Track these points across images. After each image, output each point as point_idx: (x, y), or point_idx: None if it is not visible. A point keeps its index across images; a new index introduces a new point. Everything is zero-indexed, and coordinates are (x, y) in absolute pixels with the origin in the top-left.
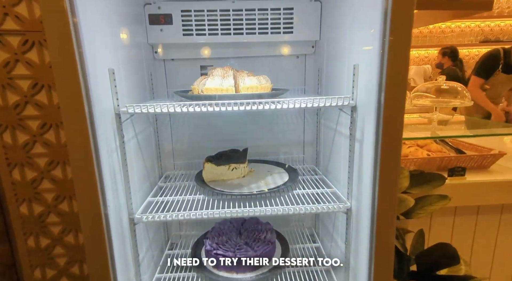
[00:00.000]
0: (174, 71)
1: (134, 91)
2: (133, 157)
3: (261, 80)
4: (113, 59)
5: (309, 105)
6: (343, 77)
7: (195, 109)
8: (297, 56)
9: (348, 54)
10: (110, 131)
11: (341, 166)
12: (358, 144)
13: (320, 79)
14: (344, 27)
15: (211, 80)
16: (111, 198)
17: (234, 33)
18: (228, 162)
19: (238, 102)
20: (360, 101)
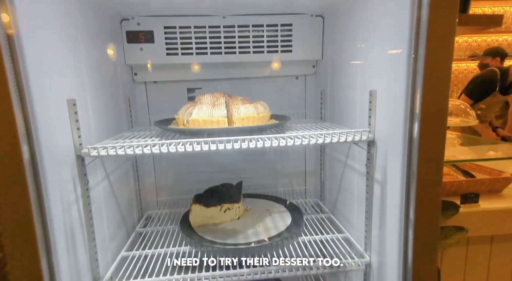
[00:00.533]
0: (157, 95)
1: (107, 122)
2: (103, 203)
3: (258, 108)
4: (76, 86)
5: (319, 142)
6: (354, 102)
7: (177, 149)
8: (296, 76)
9: (361, 76)
10: (68, 179)
11: (354, 207)
12: (379, 186)
13: (324, 102)
14: (353, 45)
15: (199, 109)
16: (66, 263)
17: (225, 52)
18: (219, 202)
19: (232, 139)
20: (380, 134)
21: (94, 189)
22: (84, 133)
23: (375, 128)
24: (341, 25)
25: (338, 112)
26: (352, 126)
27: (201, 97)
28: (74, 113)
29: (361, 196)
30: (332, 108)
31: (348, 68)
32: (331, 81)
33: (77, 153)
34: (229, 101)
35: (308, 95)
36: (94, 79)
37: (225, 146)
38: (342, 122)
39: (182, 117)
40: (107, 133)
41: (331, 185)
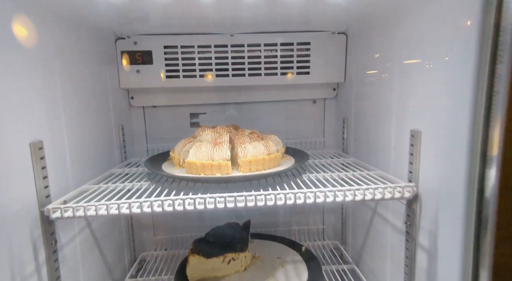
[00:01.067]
0: (156, 121)
1: (91, 159)
2: (81, 260)
3: (269, 146)
4: (47, 122)
5: (348, 198)
6: (387, 139)
7: (163, 208)
8: (314, 100)
9: (397, 108)
10: (25, 244)
11: (387, 268)
12: (425, 254)
13: (347, 132)
14: (387, 68)
15: (197, 149)
16: None
17: (233, 75)
18: (222, 251)
19: (235, 196)
20: (426, 185)
21: (68, 245)
22: (58, 179)
23: (419, 178)
24: (371, 43)
25: (365, 147)
26: (384, 167)
27: (202, 133)
28: (40, 158)
29: (397, 258)
30: (357, 140)
31: (378, 95)
32: (356, 108)
33: (41, 209)
34: (234, 137)
35: (327, 121)
36: (75, 111)
37: (225, 205)
38: (370, 160)
39: (178, 156)
40: (92, 172)
41: (355, 228)
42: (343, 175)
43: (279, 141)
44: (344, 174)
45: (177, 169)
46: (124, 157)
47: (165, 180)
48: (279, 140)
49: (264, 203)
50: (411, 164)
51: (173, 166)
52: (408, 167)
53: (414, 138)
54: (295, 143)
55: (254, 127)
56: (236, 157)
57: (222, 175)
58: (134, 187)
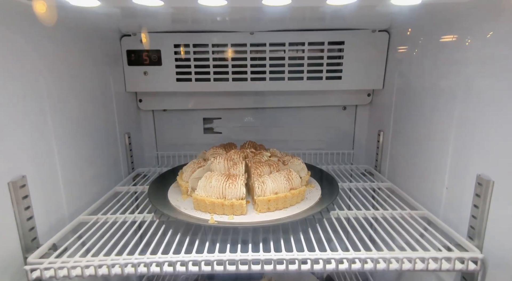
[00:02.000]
0: (167, 125)
1: (90, 180)
2: None
3: (292, 179)
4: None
5: (392, 266)
6: (439, 172)
7: (162, 269)
8: (344, 107)
9: (456, 139)
10: None
11: None
12: None
13: (382, 149)
14: (447, 78)
15: (207, 182)
16: None
17: (252, 79)
18: (234, 279)
19: (250, 260)
20: (494, 250)
21: None
22: (48, 214)
23: (484, 238)
24: (424, 42)
25: (404, 172)
26: (430, 205)
27: (214, 160)
28: (22, 198)
29: None
30: (394, 160)
31: (430, 115)
32: (396, 121)
33: (25, 256)
34: (251, 166)
35: (358, 131)
36: (69, 126)
37: (237, 268)
38: (410, 189)
39: (185, 184)
40: (93, 193)
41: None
42: (379, 215)
43: (304, 167)
44: (380, 213)
45: (184, 199)
46: (131, 167)
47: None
48: (303, 165)
49: (285, 268)
50: (473, 218)
51: (181, 194)
52: (469, 220)
53: (482, 187)
54: (319, 154)
55: (273, 134)
56: (253, 190)
57: (234, 222)
58: (136, 220)
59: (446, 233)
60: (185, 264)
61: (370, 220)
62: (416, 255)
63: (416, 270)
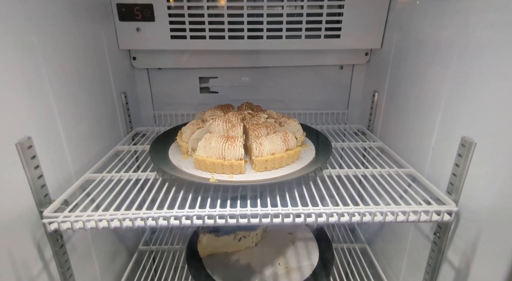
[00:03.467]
0: (162, 84)
1: (92, 139)
2: (92, 243)
3: (288, 140)
4: (34, 111)
5: (377, 218)
6: (427, 134)
7: (170, 222)
8: (341, 66)
9: (447, 101)
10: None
11: (403, 260)
12: (453, 271)
13: (376, 109)
14: (446, 38)
15: (207, 143)
16: None
17: (248, 37)
18: (234, 229)
19: (249, 215)
20: (471, 205)
21: (76, 234)
22: (56, 173)
23: (461, 193)
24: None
25: (395, 133)
26: (416, 163)
27: (213, 122)
28: (30, 158)
29: (416, 256)
30: (387, 121)
31: (425, 75)
32: (392, 82)
33: (40, 210)
34: (249, 128)
35: (354, 92)
36: (67, 85)
37: (237, 221)
38: (399, 149)
39: (186, 144)
40: (95, 152)
41: None
42: (369, 173)
43: (299, 128)
44: (369, 171)
45: (185, 159)
46: (129, 127)
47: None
48: (299, 126)
49: (281, 221)
50: (454, 175)
51: (181, 154)
52: (449, 177)
53: (465, 148)
54: (315, 114)
55: (270, 94)
56: (251, 150)
57: (234, 180)
58: (140, 178)
59: (428, 189)
60: (190, 218)
61: (359, 177)
62: (398, 208)
63: (398, 221)
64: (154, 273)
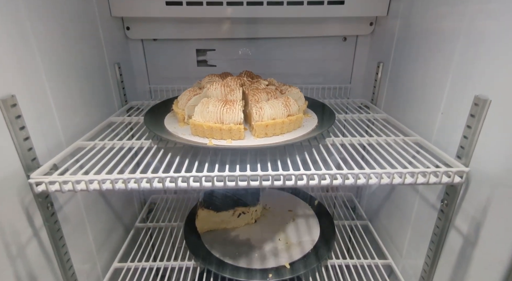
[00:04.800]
0: (158, 56)
1: (84, 107)
2: (85, 213)
3: (290, 105)
4: (17, 69)
5: (384, 181)
6: (436, 98)
7: (164, 184)
8: (345, 37)
9: (458, 63)
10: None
11: (407, 232)
12: (461, 238)
13: (380, 81)
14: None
15: (204, 107)
16: None
17: (248, 3)
18: (233, 205)
19: (248, 176)
20: (481, 169)
21: (68, 204)
22: (45, 137)
23: (472, 156)
24: None
25: (401, 103)
26: (423, 132)
27: (210, 86)
28: (15, 117)
29: (421, 230)
30: (392, 92)
31: (435, 40)
32: (398, 51)
33: (28, 174)
34: (248, 93)
35: (357, 64)
36: (54, 49)
37: (237, 184)
38: (405, 119)
39: (182, 111)
40: (88, 122)
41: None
42: (373, 141)
43: (301, 96)
44: (374, 139)
45: (181, 126)
46: (124, 100)
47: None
48: (300, 94)
49: (283, 183)
50: (465, 138)
51: (177, 121)
52: (460, 140)
53: (478, 107)
54: (316, 89)
55: (269, 67)
56: (250, 116)
57: (233, 144)
58: (134, 145)
59: (436, 155)
60: (187, 180)
61: (364, 145)
62: (406, 170)
63: (406, 183)
64: (151, 249)
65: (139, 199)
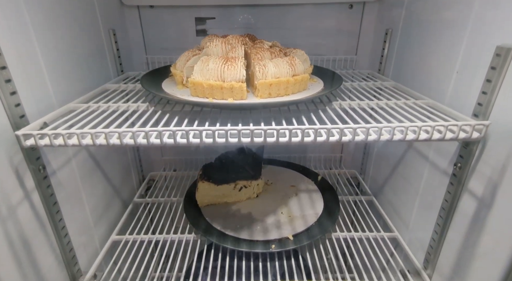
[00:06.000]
0: (155, 25)
1: (77, 71)
2: (81, 182)
3: (295, 64)
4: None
5: (396, 137)
6: (451, 57)
7: (162, 140)
8: (351, 4)
9: (478, 14)
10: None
11: (415, 203)
12: (475, 201)
13: (389, 49)
14: None
15: (204, 65)
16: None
17: None
18: (234, 178)
19: (252, 130)
20: (499, 123)
21: (62, 170)
22: (35, 96)
23: (491, 113)
24: None
25: (410, 69)
26: (436, 95)
27: (209, 44)
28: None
29: (430, 199)
30: (400, 60)
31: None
32: (408, 16)
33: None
34: (251, 51)
35: (364, 34)
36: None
37: (239, 139)
38: (415, 86)
39: (180, 73)
40: (81, 88)
41: (379, 160)
42: (383, 104)
43: (306, 58)
44: (384, 103)
45: (179, 89)
46: (120, 70)
47: (166, 102)
48: (306, 56)
49: (289, 139)
50: (483, 94)
51: (175, 85)
52: (477, 97)
53: (500, 58)
54: (321, 60)
55: (272, 36)
56: (253, 77)
57: (235, 102)
58: (129, 109)
59: (451, 115)
60: (186, 135)
61: (374, 107)
62: (421, 124)
63: (420, 140)
64: (150, 223)
65: (138, 176)
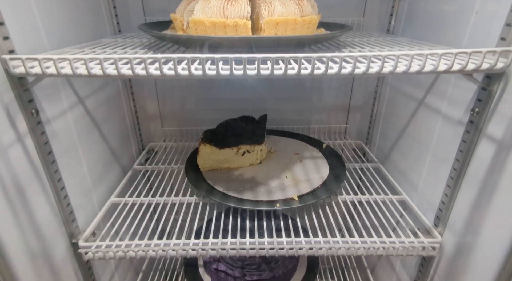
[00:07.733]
0: None
1: (71, 20)
2: (77, 139)
3: (303, 5)
4: None
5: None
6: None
7: (163, 71)
8: None
9: None
10: None
11: (425, 163)
12: (494, 145)
13: (398, 6)
14: None
15: (205, 3)
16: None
17: None
18: (236, 142)
19: (258, 58)
20: None
21: (57, 120)
22: (26, 36)
23: None
24: None
25: (423, 23)
26: (451, 43)
27: None
28: None
29: (442, 154)
30: (412, 15)
31: None
32: None
33: (5, 67)
34: None
35: None
36: None
37: (245, 71)
38: (427, 36)
39: (180, 17)
40: (75, 37)
41: (386, 127)
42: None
43: (314, 4)
44: (397, 49)
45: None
46: (117, 29)
47: (166, 49)
48: (314, 2)
49: (297, 72)
50: (508, 26)
51: (175, 31)
52: (500, 32)
53: None
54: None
55: None
56: (258, 20)
57: (238, 36)
58: (127, 54)
59: None
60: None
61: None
62: (441, 51)
63: (439, 71)
64: (149, 189)
65: (137, 145)
